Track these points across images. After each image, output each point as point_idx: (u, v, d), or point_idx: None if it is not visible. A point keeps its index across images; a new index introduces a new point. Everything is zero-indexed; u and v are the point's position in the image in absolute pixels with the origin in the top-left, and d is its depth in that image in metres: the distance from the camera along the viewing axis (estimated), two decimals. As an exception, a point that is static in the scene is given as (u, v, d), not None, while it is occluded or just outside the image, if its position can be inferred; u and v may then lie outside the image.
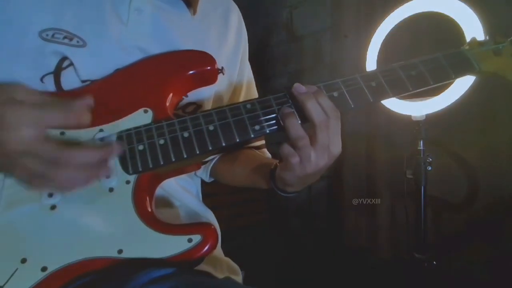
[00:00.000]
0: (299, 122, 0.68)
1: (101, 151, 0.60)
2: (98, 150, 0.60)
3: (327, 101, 0.68)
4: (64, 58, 0.72)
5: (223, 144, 0.67)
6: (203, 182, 1.03)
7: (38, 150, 0.54)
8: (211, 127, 0.68)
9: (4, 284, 0.57)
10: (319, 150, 0.67)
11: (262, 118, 0.69)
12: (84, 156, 0.58)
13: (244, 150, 1.00)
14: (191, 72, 0.73)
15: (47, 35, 0.71)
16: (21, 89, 0.56)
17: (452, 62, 0.80)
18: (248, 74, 1.03)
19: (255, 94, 1.04)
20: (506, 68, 0.84)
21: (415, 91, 0.76)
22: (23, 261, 0.59)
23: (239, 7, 1.00)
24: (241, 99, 0.97)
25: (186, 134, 0.67)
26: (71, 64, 0.72)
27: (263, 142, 1.04)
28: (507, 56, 0.84)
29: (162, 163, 0.65)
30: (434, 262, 1.41)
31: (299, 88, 0.69)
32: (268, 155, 1.05)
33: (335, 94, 0.72)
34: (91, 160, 0.58)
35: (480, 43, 0.86)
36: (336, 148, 0.68)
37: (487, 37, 0.86)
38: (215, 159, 1.01)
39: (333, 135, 0.67)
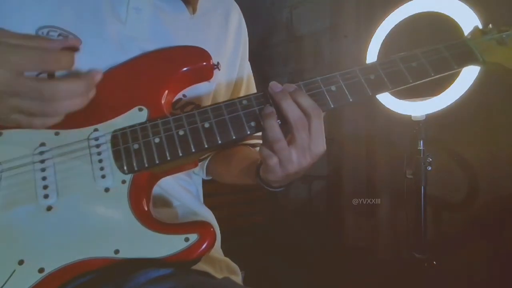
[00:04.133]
0: (279, 122, 0.66)
1: (85, 79, 0.58)
2: (82, 79, 0.58)
3: (306, 100, 0.66)
4: None
5: (219, 142, 0.66)
6: (203, 181, 1.02)
7: (18, 88, 0.53)
8: (206, 125, 0.67)
9: (2, 286, 0.57)
10: (300, 150, 0.65)
11: (259, 114, 0.68)
12: (67, 84, 0.56)
13: (237, 148, 0.99)
14: (185, 68, 0.73)
15: (42, 33, 0.71)
16: (1, 31, 0.55)
17: (454, 53, 0.77)
18: (248, 72, 1.02)
19: (254, 91, 1.03)
20: (510, 58, 0.79)
21: (416, 83, 0.74)
22: (20, 262, 0.59)
23: (239, 6, 1.00)
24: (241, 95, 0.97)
25: (181, 132, 0.66)
26: None
27: (259, 141, 1.04)
28: (511, 45, 0.80)
29: (157, 162, 0.64)
30: (434, 262, 1.41)
31: (274, 87, 0.68)
32: None
33: (333, 88, 0.71)
34: (75, 88, 0.57)
35: (483, 32, 0.82)
36: (319, 147, 0.66)
37: (490, 26, 0.82)
38: (210, 157, 1.00)
39: (315, 134, 0.65)
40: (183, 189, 0.87)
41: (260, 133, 0.87)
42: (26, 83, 0.53)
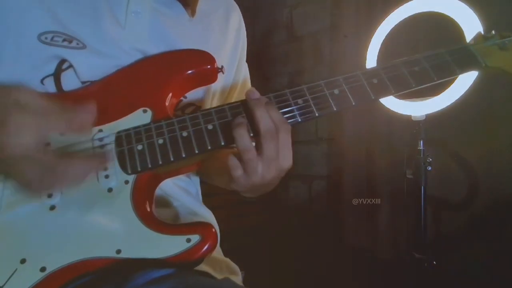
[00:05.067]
0: (251, 134, 0.66)
1: (96, 161, 0.61)
2: (94, 161, 0.61)
3: (277, 113, 0.66)
4: (64, 60, 0.72)
5: (222, 143, 0.67)
6: (202, 182, 1.02)
7: (36, 157, 0.54)
8: (210, 126, 0.67)
9: (4, 285, 0.57)
10: (266, 162, 0.65)
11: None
12: (81, 166, 0.58)
13: (224, 151, 1.00)
14: (190, 71, 0.73)
15: (46, 38, 0.71)
16: (25, 92, 0.56)
17: (456, 58, 0.77)
18: (244, 73, 1.02)
19: None
20: None
21: (419, 87, 0.75)
22: (22, 261, 0.59)
23: (239, 7, 1.00)
24: (234, 97, 0.96)
25: (185, 134, 0.66)
26: (71, 66, 0.72)
27: None
28: None
29: (161, 162, 0.65)
30: (434, 262, 1.41)
31: (252, 93, 0.68)
32: None
33: (336, 91, 0.71)
34: (87, 170, 0.59)
35: (486, 38, 0.83)
36: (286, 161, 0.67)
37: (493, 32, 0.83)
38: None
39: (282, 147, 0.65)
40: (182, 189, 0.88)
41: None
42: (44, 157, 0.54)
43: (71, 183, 0.58)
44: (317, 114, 0.69)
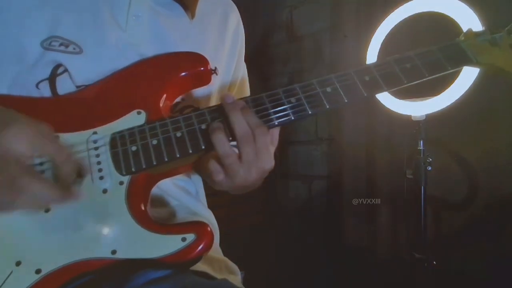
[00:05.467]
0: (230, 139, 0.66)
1: (59, 193, 0.57)
2: (56, 191, 0.57)
3: (253, 117, 0.67)
4: (59, 65, 0.72)
5: None
6: (204, 181, 1.02)
7: (10, 166, 0.54)
8: (203, 126, 0.67)
9: None
10: (245, 165, 0.66)
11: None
12: (40, 190, 0.56)
13: None
14: (183, 73, 0.74)
15: (44, 43, 0.71)
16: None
17: (447, 54, 0.79)
18: (243, 73, 1.02)
19: (247, 92, 1.03)
20: (503, 58, 0.82)
21: (410, 83, 0.76)
22: (18, 263, 0.59)
23: (239, 7, 1.00)
24: None
25: (179, 134, 0.67)
26: (66, 70, 0.73)
27: None
28: (504, 46, 0.82)
29: (155, 163, 0.65)
30: (434, 262, 1.41)
31: (227, 98, 0.68)
32: None
33: (328, 89, 0.72)
34: (45, 197, 0.57)
35: (476, 34, 0.84)
36: (266, 163, 0.67)
37: (483, 28, 0.85)
38: None
39: (260, 151, 0.66)
40: (181, 189, 0.88)
41: None
42: (15, 166, 0.54)
43: (24, 202, 0.55)
44: (310, 112, 0.70)
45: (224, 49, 0.93)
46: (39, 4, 0.72)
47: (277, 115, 0.69)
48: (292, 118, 0.69)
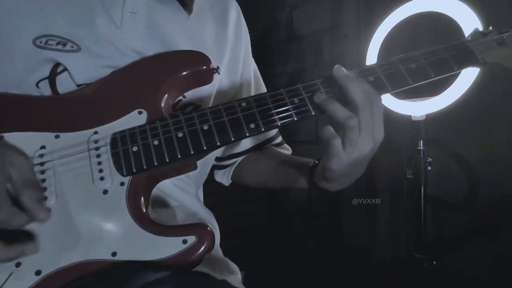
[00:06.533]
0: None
1: (24, 219, 0.57)
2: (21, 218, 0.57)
3: (367, 85, 0.67)
4: (58, 64, 0.72)
5: (218, 144, 0.66)
6: (205, 182, 1.02)
7: None
8: (205, 127, 0.67)
9: None
10: (364, 134, 0.64)
11: (258, 116, 0.68)
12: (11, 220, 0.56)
13: (267, 150, 0.99)
14: (185, 72, 0.73)
15: (40, 42, 0.71)
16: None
17: (453, 54, 0.76)
18: (254, 69, 1.01)
19: (263, 88, 1.03)
20: (511, 58, 0.80)
21: (416, 84, 0.74)
22: (18, 264, 0.59)
23: (239, 6, 0.98)
24: (253, 93, 0.96)
25: (180, 134, 0.66)
26: (65, 69, 0.72)
27: (280, 139, 1.04)
28: (511, 46, 0.80)
29: (156, 164, 0.64)
30: (434, 262, 1.41)
31: (339, 70, 0.68)
32: (289, 150, 1.05)
33: (335, 90, 0.70)
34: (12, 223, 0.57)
35: (483, 34, 0.81)
36: (380, 133, 0.67)
37: (491, 28, 0.82)
38: (237, 162, 1.01)
39: (377, 117, 0.66)
40: (181, 189, 0.87)
41: (273, 131, 0.90)
42: None
43: None
44: (313, 113, 0.69)
45: (226, 45, 0.92)
46: (32, 2, 0.72)
47: (280, 115, 0.68)
48: (295, 118, 0.68)
